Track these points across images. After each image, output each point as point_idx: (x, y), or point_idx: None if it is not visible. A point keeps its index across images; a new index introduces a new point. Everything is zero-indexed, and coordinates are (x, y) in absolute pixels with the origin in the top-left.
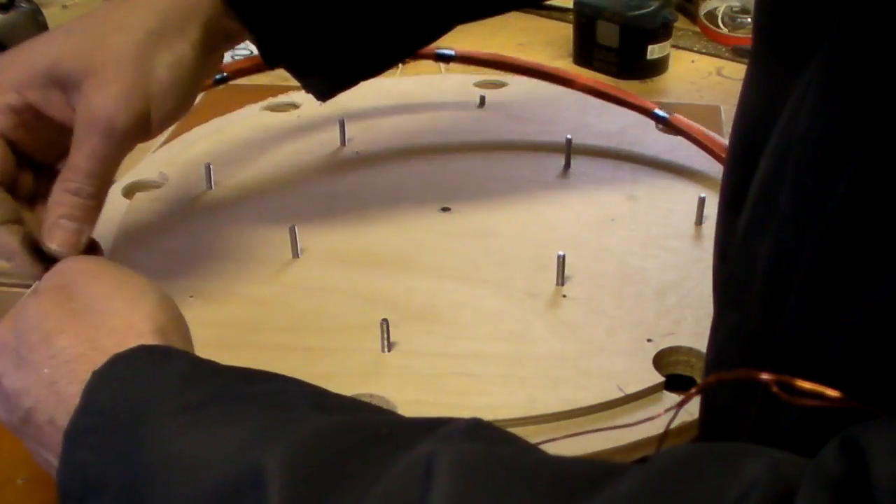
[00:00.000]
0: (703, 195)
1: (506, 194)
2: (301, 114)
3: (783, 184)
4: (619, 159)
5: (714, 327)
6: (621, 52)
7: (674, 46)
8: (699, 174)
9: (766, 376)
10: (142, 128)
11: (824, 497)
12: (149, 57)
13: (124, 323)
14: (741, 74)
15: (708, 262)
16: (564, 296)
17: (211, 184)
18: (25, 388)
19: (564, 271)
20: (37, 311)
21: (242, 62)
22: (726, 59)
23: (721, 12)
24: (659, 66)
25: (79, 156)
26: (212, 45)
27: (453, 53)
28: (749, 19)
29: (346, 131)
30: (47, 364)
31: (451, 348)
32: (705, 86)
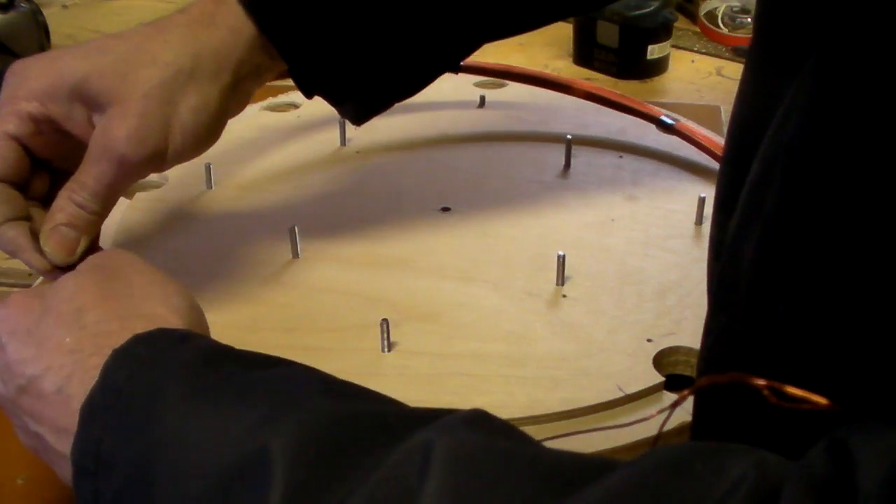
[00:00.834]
0: (703, 195)
1: (506, 194)
2: (301, 114)
3: (770, 188)
4: (619, 159)
5: (706, 328)
6: (621, 52)
7: (674, 46)
8: (699, 174)
9: (757, 381)
10: (155, 163)
11: (810, 497)
12: (175, 98)
13: (156, 314)
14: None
15: None
16: (564, 296)
17: (211, 183)
18: (33, 356)
19: (564, 271)
20: (75, 285)
21: None
22: (726, 59)
23: (721, 12)
24: (659, 66)
25: (88, 175)
26: (242, 87)
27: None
28: (749, 19)
29: (345, 131)
30: (72, 334)
31: (451, 348)
32: (705, 86)
